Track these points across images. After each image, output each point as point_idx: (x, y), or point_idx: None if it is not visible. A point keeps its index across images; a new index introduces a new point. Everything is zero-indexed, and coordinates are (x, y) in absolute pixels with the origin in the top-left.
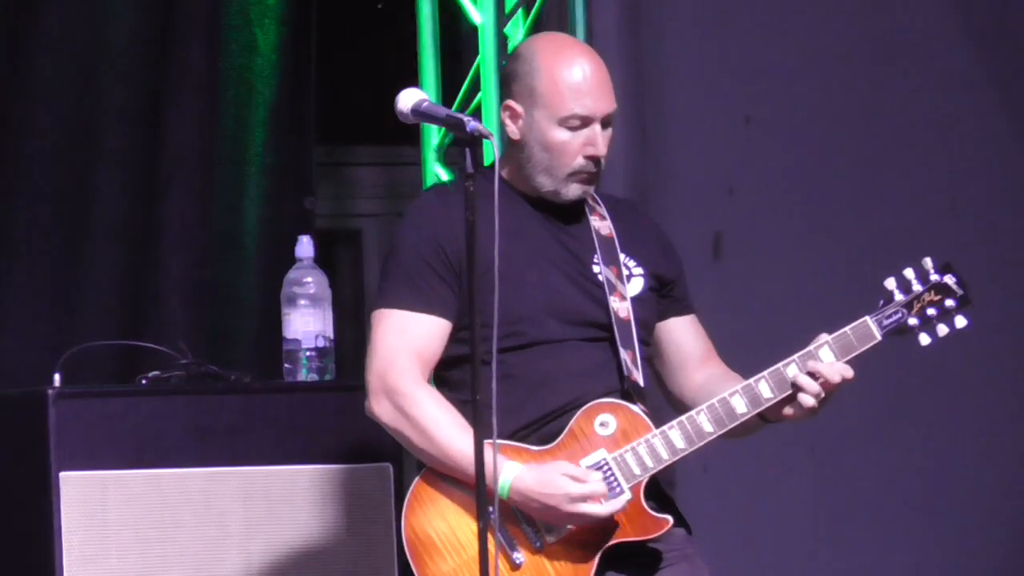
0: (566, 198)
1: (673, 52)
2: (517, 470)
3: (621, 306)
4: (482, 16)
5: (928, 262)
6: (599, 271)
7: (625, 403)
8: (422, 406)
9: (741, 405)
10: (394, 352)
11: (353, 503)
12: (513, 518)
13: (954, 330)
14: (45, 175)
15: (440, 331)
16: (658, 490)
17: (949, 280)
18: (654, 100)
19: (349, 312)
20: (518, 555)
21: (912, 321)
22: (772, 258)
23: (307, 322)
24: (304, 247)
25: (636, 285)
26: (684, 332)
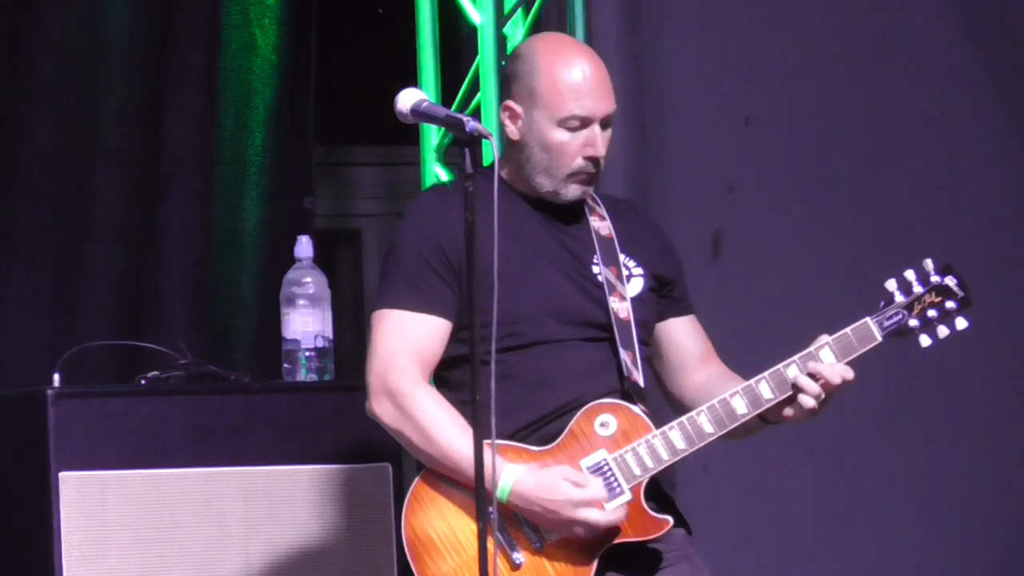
0: (565, 198)
1: (672, 51)
2: (518, 473)
3: (621, 306)
4: (481, 16)
5: (929, 263)
6: (599, 271)
7: (625, 404)
8: (423, 407)
9: (741, 406)
10: (394, 352)
11: (353, 503)
12: (513, 519)
13: (955, 332)
14: (45, 175)
15: (440, 331)
16: (658, 490)
17: (950, 282)
18: (654, 99)
19: (348, 312)
20: (518, 555)
21: (913, 322)
22: (772, 257)
23: (306, 322)
24: (303, 247)
25: (636, 285)
26: (683, 332)
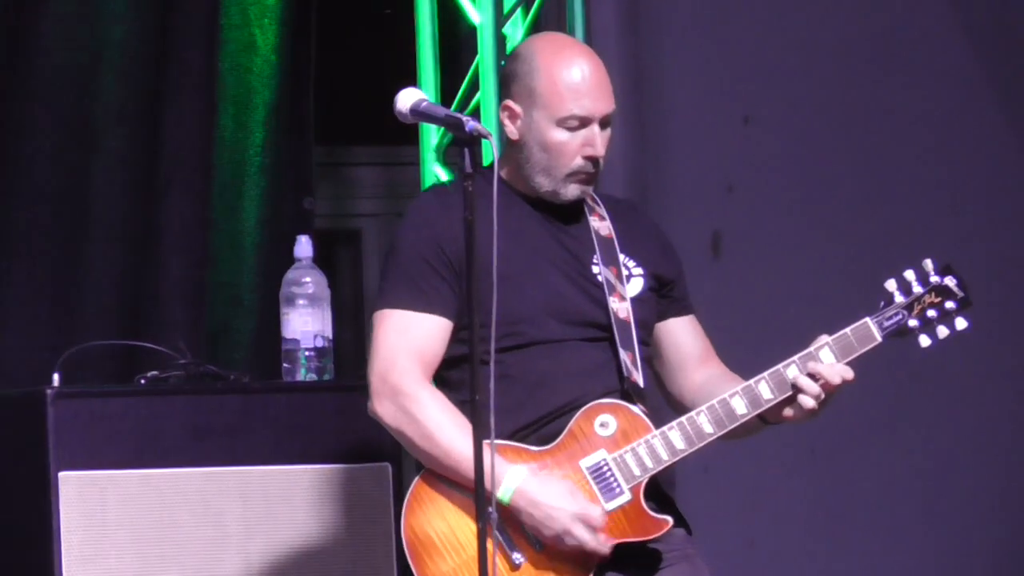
0: (565, 198)
1: (672, 51)
2: (522, 475)
3: (621, 306)
4: (481, 16)
5: (928, 264)
6: (598, 271)
7: (625, 404)
8: (424, 407)
9: (741, 406)
10: (396, 352)
11: (352, 503)
12: (513, 519)
13: (954, 332)
14: (45, 175)
15: (441, 331)
16: (658, 491)
17: (950, 282)
18: (653, 99)
19: (348, 312)
20: (517, 555)
21: (912, 323)
22: (772, 257)
23: (306, 322)
24: (303, 247)
25: (636, 285)
26: (683, 332)
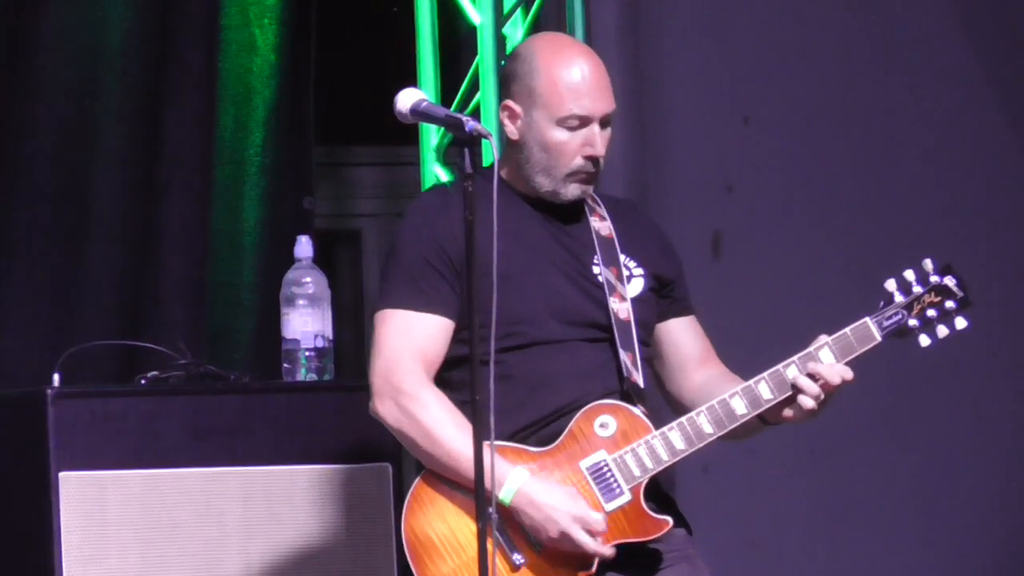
0: (565, 198)
1: (672, 51)
2: (524, 476)
3: (621, 307)
4: (481, 16)
5: (928, 263)
6: (599, 272)
7: (625, 404)
8: (426, 408)
9: (741, 406)
10: (398, 352)
11: (352, 503)
12: (513, 520)
13: (954, 331)
14: (45, 175)
15: (443, 330)
16: (658, 491)
17: (949, 282)
18: (653, 99)
19: (348, 312)
20: (518, 556)
21: (912, 322)
22: (771, 257)
23: (306, 322)
24: (303, 247)
25: (636, 286)
26: (683, 333)
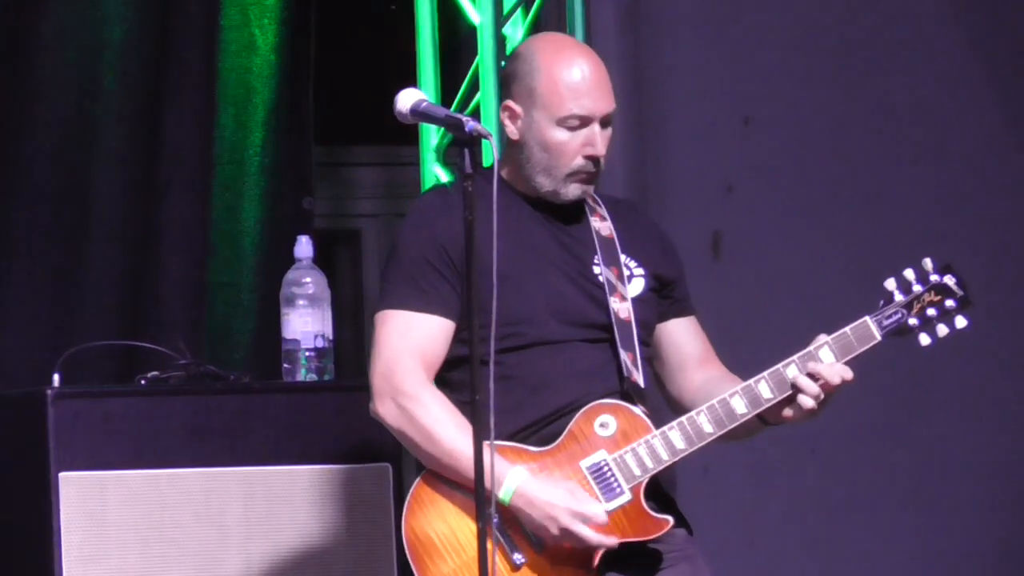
0: (565, 198)
1: (672, 51)
2: (523, 476)
3: (621, 307)
4: (481, 16)
5: (928, 263)
6: (599, 272)
7: (625, 404)
8: (427, 408)
9: (741, 406)
10: (398, 353)
11: (352, 503)
12: (514, 520)
13: (954, 331)
14: (45, 175)
15: (443, 331)
16: (659, 491)
17: (949, 281)
18: (653, 99)
19: (348, 312)
20: (518, 556)
21: (912, 321)
22: (771, 257)
23: (306, 322)
24: (303, 247)
25: (637, 286)
26: (684, 333)
